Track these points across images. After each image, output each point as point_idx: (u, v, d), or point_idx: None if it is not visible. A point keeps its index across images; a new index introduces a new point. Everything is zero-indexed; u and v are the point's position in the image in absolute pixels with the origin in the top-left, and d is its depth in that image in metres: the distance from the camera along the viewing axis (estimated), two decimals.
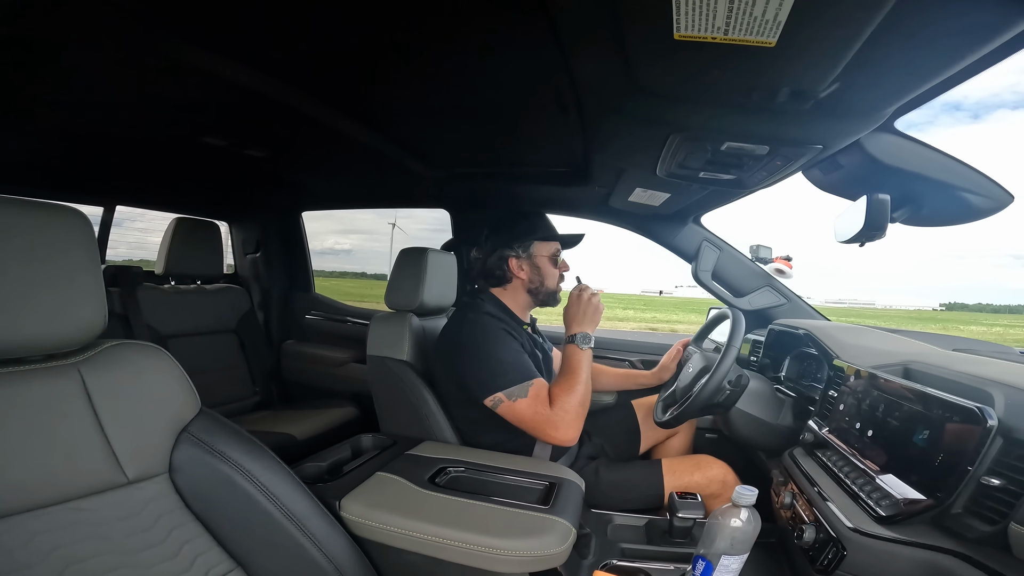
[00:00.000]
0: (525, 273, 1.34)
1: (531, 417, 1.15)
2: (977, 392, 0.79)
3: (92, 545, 0.61)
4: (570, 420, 1.15)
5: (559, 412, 1.14)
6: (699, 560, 0.88)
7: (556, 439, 1.15)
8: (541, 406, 1.15)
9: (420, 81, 1.08)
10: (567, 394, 1.16)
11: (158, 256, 2.10)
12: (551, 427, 1.14)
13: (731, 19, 0.58)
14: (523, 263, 1.34)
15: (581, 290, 1.30)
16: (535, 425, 1.15)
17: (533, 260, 1.34)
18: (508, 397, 1.15)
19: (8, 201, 0.58)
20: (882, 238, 1.13)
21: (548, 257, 1.35)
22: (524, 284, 1.35)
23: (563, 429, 1.14)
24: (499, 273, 1.35)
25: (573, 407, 1.15)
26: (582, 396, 1.18)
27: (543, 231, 1.36)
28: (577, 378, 1.19)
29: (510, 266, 1.34)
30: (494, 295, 1.38)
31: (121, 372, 0.68)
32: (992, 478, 0.68)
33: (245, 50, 0.97)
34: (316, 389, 2.44)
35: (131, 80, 1.10)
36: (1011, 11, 0.56)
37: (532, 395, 1.15)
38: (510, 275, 1.35)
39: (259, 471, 0.75)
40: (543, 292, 1.36)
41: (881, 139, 0.97)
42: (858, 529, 0.79)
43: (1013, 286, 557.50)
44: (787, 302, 1.84)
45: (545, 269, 1.35)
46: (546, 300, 1.38)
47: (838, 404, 1.06)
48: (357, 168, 1.87)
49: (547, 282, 1.36)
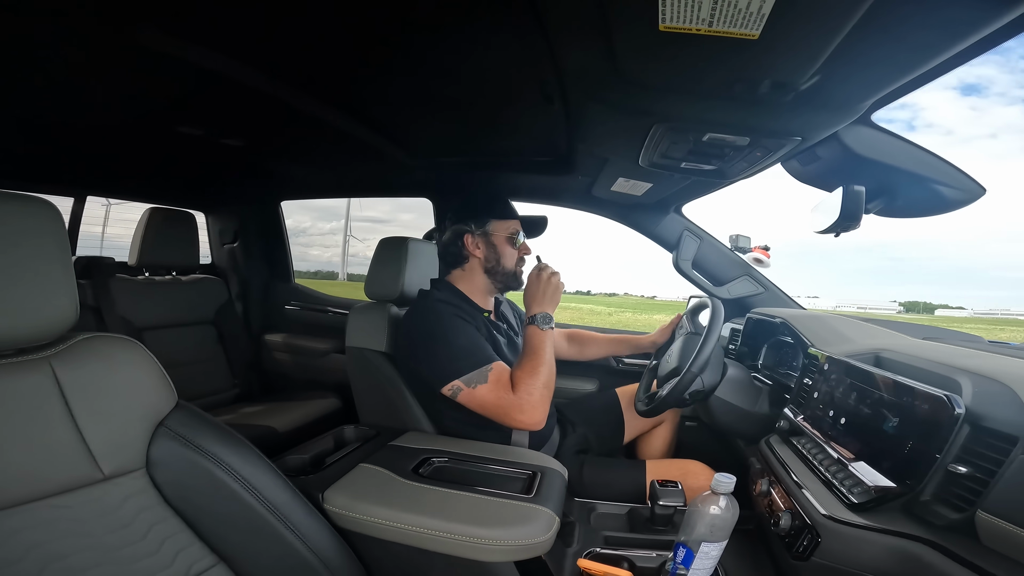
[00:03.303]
0: (481, 251, 1.33)
1: (494, 402, 1.12)
2: (945, 380, 0.79)
3: (71, 542, 0.60)
4: (534, 402, 1.11)
5: (523, 395, 1.11)
6: (680, 547, 0.90)
7: (522, 423, 1.12)
8: (503, 390, 1.12)
9: (403, 69, 1.06)
10: (530, 376, 1.13)
11: (131, 247, 2.05)
12: (516, 411, 1.11)
13: (716, 11, 0.58)
14: (479, 240, 1.33)
15: (540, 269, 1.27)
16: (498, 410, 1.12)
17: (489, 238, 1.33)
18: (467, 384, 1.13)
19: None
20: (856, 229, 1.16)
21: (505, 236, 1.34)
22: (481, 263, 1.34)
23: (528, 412, 1.11)
24: (455, 251, 1.34)
25: (537, 389, 1.12)
26: (546, 378, 1.15)
27: (501, 210, 1.35)
28: (540, 359, 1.16)
29: (466, 243, 1.33)
30: (450, 283, 1.37)
31: (94, 366, 0.67)
32: (959, 466, 0.68)
33: (221, 37, 0.95)
34: (297, 380, 2.42)
35: (102, 68, 1.07)
36: (987, 8, 0.57)
37: (492, 380, 1.12)
38: (466, 253, 1.34)
39: (239, 464, 0.74)
40: (500, 272, 1.34)
41: (858, 132, 0.99)
42: (832, 516, 0.80)
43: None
44: (765, 291, 1.88)
45: (501, 248, 1.34)
46: (506, 281, 1.36)
47: (812, 392, 1.07)
48: (338, 156, 1.84)
49: (504, 261, 1.34)
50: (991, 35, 0.62)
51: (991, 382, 0.74)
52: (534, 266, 1.29)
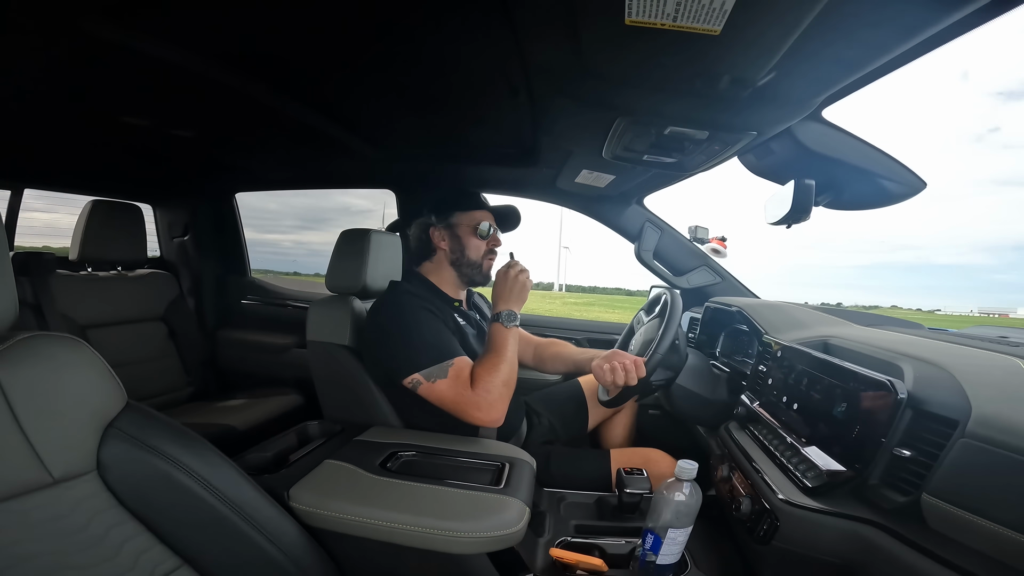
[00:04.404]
0: (446, 243, 1.33)
1: (451, 398, 1.12)
2: (888, 366, 0.83)
3: (25, 547, 0.57)
4: (492, 400, 1.11)
5: (481, 392, 1.11)
6: (648, 534, 0.92)
7: (479, 420, 1.12)
8: (462, 387, 1.11)
9: (367, 60, 1.03)
10: (490, 374, 1.12)
11: (72, 241, 1.92)
12: (473, 407, 1.11)
13: (680, 6, 0.59)
14: (443, 233, 1.33)
15: (509, 267, 1.26)
16: (456, 406, 1.12)
17: (454, 230, 1.33)
18: (426, 378, 1.12)
19: None
20: (807, 220, 1.21)
21: (471, 228, 1.33)
22: (447, 256, 1.34)
23: (485, 409, 1.11)
24: (422, 244, 1.35)
25: (496, 387, 1.12)
26: (506, 376, 1.14)
27: (466, 202, 1.35)
28: (501, 357, 1.15)
29: (432, 236, 1.33)
30: (421, 274, 1.37)
31: (36, 366, 0.63)
32: (904, 449, 0.71)
33: (169, 24, 0.89)
34: (256, 377, 2.34)
35: (40, 54, 0.99)
36: (933, 8, 0.60)
37: (452, 375, 1.12)
38: (432, 247, 1.34)
39: (197, 464, 0.71)
40: (465, 265, 1.34)
41: (809, 127, 1.03)
42: (788, 500, 0.81)
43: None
44: (722, 280, 1.95)
45: (466, 240, 1.33)
46: (472, 275, 1.36)
47: (767, 379, 1.11)
48: (296, 148, 1.78)
49: (468, 253, 1.33)
50: (937, 34, 0.66)
51: (932, 367, 0.77)
52: (504, 263, 1.29)
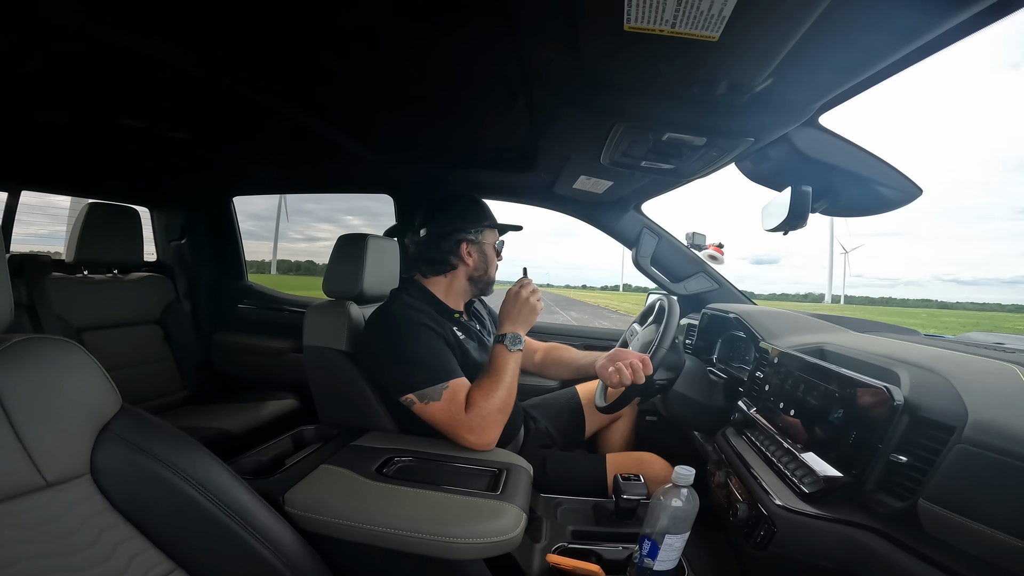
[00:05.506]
0: (473, 260, 1.31)
1: (444, 420, 1.10)
2: (885, 372, 0.82)
3: (18, 549, 0.57)
4: (485, 426, 1.09)
5: (475, 417, 1.09)
6: (645, 540, 0.91)
7: (470, 443, 1.10)
8: (456, 410, 1.09)
9: (366, 63, 1.03)
10: (486, 399, 1.10)
11: (67, 244, 1.92)
12: (465, 430, 1.09)
13: (679, 12, 0.59)
14: (472, 248, 1.31)
15: (521, 286, 1.22)
16: (448, 428, 1.11)
17: (482, 247, 1.32)
18: (420, 399, 1.11)
19: None
20: (803, 227, 1.21)
21: (493, 245, 1.34)
22: (468, 271, 1.32)
23: (478, 433, 1.09)
24: (444, 255, 1.30)
25: (491, 412, 1.10)
26: (502, 401, 1.12)
27: (492, 218, 1.35)
28: (500, 381, 1.13)
29: (461, 250, 1.30)
30: (421, 284, 1.33)
31: (31, 368, 0.62)
32: (900, 455, 0.70)
33: (167, 26, 0.89)
34: (253, 381, 2.33)
35: (38, 56, 1.00)
36: (929, 14, 0.60)
37: (447, 398, 1.10)
38: (456, 261, 1.30)
39: (191, 468, 0.71)
40: (484, 281, 1.35)
41: (806, 133, 1.03)
42: (786, 506, 0.81)
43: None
44: (719, 287, 1.95)
45: (490, 256, 1.34)
46: (483, 289, 1.37)
47: (764, 385, 1.11)
48: (295, 152, 1.78)
49: (491, 270, 1.34)
50: (933, 40, 0.66)
51: (928, 373, 0.77)
52: (516, 281, 1.26)
